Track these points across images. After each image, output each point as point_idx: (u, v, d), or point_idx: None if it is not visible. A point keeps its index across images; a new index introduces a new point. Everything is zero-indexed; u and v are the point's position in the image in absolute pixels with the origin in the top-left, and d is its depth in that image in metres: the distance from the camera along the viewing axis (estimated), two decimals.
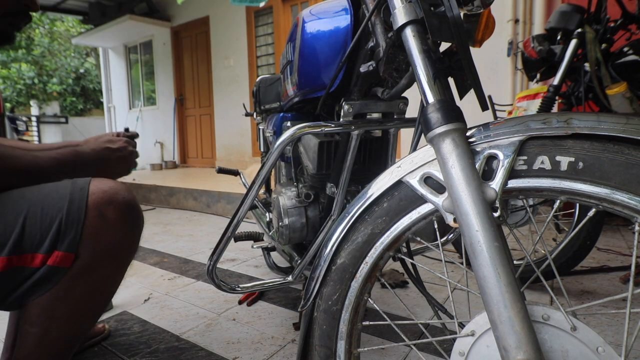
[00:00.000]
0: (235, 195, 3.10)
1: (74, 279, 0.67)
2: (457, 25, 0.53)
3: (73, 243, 0.65)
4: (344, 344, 0.60)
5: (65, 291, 0.67)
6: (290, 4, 4.56)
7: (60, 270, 0.65)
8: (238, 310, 1.39)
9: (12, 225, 0.63)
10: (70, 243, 0.65)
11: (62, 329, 0.70)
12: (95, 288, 0.71)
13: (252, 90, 1.54)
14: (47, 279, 0.65)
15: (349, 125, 0.80)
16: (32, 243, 0.64)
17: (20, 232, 0.63)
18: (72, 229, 0.65)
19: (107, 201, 0.68)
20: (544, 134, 0.46)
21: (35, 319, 0.67)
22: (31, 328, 0.68)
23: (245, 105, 2.06)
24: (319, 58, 0.85)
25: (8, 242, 0.62)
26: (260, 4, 3.70)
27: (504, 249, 0.45)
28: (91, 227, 0.66)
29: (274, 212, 1.08)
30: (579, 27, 1.52)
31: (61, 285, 0.66)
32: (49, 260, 0.64)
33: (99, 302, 0.75)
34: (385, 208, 0.57)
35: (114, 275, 0.74)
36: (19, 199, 0.67)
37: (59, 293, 0.67)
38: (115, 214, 0.68)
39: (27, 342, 0.69)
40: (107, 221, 0.67)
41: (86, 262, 0.67)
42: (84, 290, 0.69)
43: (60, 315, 0.68)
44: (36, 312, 0.67)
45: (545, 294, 1.40)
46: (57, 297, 0.67)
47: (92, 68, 13.01)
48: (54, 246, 0.64)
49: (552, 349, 0.45)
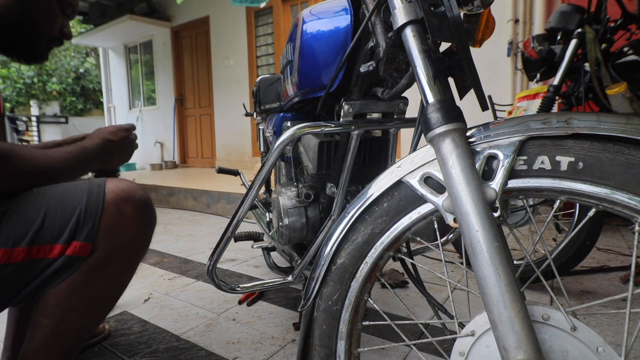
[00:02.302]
0: (235, 195, 3.10)
1: (90, 271, 0.70)
2: (457, 25, 0.53)
3: (91, 233, 0.68)
4: (344, 344, 0.60)
5: (82, 283, 0.70)
6: (290, 4, 4.56)
7: (79, 259, 0.68)
8: (238, 310, 1.39)
9: (32, 218, 0.66)
10: (88, 233, 0.68)
11: (74, 323, 0.72)
12: (108, 283, 0.74)
13: (252, 90, 1.53)
14: (66, 269, 0.68)
15: (349, 125, 0.80)
16: (51, 235, 0.67)
17: (40, 225, 0.66)
18: (90, 220, 0.68)
19: (126, 198, 0.72)
20: (544, 134, 0.46)
21: (50, 310, 0.69)
22: (45, 320, 0.70)
23: (245, 105, 2.06)
24: (319, 58, 0.85)
25: (28, 234, 0.65)
26: (260, 4, 3.70)
27: (504, 249, 0.45)
28: (110, 222, 0.70)
29: (274, 212, 1.08)
30: (579, 27, 1.52)
31: (78, 276, 0.69)
32: (68, 250, 0.67)
33: (110, 298, 0.77)
34: (385, 208, 0.57)
35: (126, 271, 0.77)
36: (40, 195, 0.70)
37: (76, 284, 0.69)
38: (132, 211, 0.72)
39: (38, 335, 0.70)
40: (124, 217, 0.71)
41: (103, 255, 0.70)
42: (98, 283, 0.72)
43: (75, 308, 0.71)
44: (52, 303, 0.69)
45: (545, 294, 1.40)
46: (74, 288, 0.69)
47: (92, 68, 13.00)
48: (73, 237, 0.68)
49: (552, 349, 0.45)
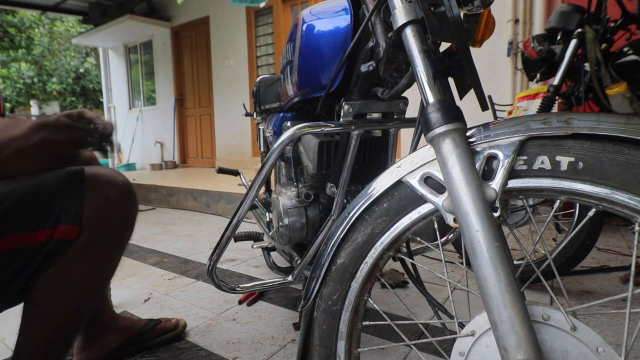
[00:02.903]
0: (235, 195, 3.10)
1: (78, 254, 0.71)
2: (457, 25, 0.53)
3: (76, 216, 0.69)
4: (344, 344, 0.60)
5: (70, 266, 0.71)
6: (290, 4, 4.56)
7: (67, 242, 0.69)
8: (238, 310, 1.39)
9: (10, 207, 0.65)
10: (74, 216, 0.69)
11: (65, 307, 0.72)
12: (97, 264, 0.75)
13: (252, 90, 1.53)
14: (54, 253, 0.69)
15: (349, 125, 0.80)
16: (35, 221, 0.67)
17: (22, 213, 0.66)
18: (73, 203, 0.69)
19: (110, 183, 0.74)
20: (544, 134, 0.46)
21: (39, 296, 0.70)
22: (35, 308, 0.70)
23: (245, 105, 2.06)
24: (319, 58, 0.85)
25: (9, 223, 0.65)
26: (260, 4, 3.71)
27: (504, 249, 0.45)
28: (97, 205, 0.71)
29: (274, 212, 1.08)
30: (579, 27, 1.52)
31: (65, 260, 0.70)
32: (55, 235, 0.68)
33: (100, 280, 0.79)
34: (385, 208, 0.57)
35: (114, 252, 0.78)
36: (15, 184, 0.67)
37: (64, 268, 0.70)
38: (117, 195, 0.74)
39: (30, 324, 0.70)
40: (110, 200, 0.73)
41: (90, 238, 0.71)
42: (87, 266, 0.73)
43: (64, 291, 0.71)
44: (41, 290, 0.70)
45: (545, 294, 1.40)
46: (62, 272, 0.70)
47: (92, 68, 13.00)
48: (58, 221, 0.68)
49: (552, 349, 0.45)
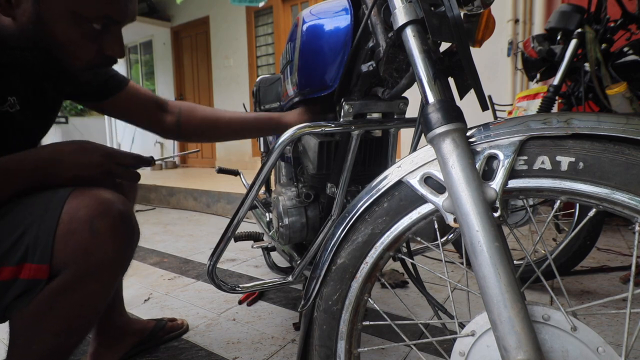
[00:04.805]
0: (235, 195, 3.10)
1: (59, 294, 0.64)
2: (457, 25, 0.53)
3: (45, 254, 0.61)
4: (344, 344, 0.60)
5: (50, 306, 0.64)
6: (290, 4, 4.56)
7: (37, 282, 0.62)
8: (238, 310, 1.39)
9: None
10: (41, 254, 0.61)
11: (48, 344, 0.67)
12: (82, 304, 0.67)
13: (252, 90, 1.53)
14: (25, 292, 0.62)
15: (349, 125, 0.80)
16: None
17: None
18: (43, 239, 0.61)
19: (101, 213, 0.63)
20: (544, 134, 0.46)
21: (20, 331, 0.65)
22: (17, 340, 0.66)
23: (245, 105, 2.06)
24: (319, 58, 0.85)
25: None
26: (260, 4, 3.71)
27: (504, 249, 0.45)
28: (81, 240, 0.62)
29: (274, 212, 1.08)
30: (579, 27, 1.52)
31: (44, 299, 0.63)
32: (21, 274, 0.61)
33: (86, 318, 0.71)
34: (385, 208, 0.57)
35: (102, 290, 0.69)
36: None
37: (43, 308, 0.64)
38: (107, 228, 0.64)
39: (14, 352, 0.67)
40: (98, 235, 0.63)
41: (73, 277, 0.63)
42: (70, 305, 0.66)
43: (46, 330, 0.65)
44: (20, 325, 0.65)
45: (545, 294, 1.40)
46: (42, 311, 0.64)
47: None
48: (24, 259, 0.61)
49: (552, 349, 0.45)
